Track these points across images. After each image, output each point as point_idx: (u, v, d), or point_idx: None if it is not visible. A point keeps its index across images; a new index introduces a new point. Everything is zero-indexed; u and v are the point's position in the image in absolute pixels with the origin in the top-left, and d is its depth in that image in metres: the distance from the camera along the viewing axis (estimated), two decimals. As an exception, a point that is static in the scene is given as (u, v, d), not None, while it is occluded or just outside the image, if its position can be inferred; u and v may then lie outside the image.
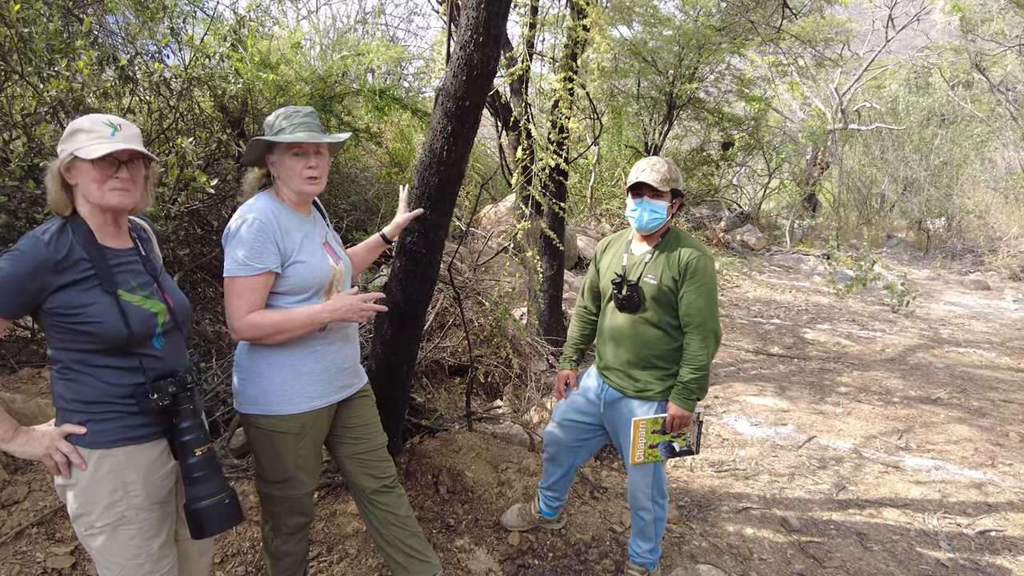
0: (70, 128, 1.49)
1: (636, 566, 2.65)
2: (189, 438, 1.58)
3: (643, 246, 2.44)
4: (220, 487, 1.61)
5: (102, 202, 1.51)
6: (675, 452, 2.42)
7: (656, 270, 2.34)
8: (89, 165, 1.48)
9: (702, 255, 2.31)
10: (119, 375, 1.53)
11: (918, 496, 3.58)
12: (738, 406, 4.92)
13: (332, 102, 5.55)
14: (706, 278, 2.29)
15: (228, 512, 1.62)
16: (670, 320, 2.36)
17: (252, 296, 1.76)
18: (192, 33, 4.57)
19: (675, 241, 2.38)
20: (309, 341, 1.89)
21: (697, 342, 2.29)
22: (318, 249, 1.92)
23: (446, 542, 2.77)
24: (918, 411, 4.87)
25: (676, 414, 2.32)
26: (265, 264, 1.76)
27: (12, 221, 3.00)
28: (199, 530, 1.60)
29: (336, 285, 1.96)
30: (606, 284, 2.50)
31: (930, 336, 7.24)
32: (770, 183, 14.82)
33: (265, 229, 1.77)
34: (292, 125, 1.83)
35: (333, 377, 1.97)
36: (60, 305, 1.44)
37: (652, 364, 2.39)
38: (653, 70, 10.49)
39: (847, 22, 11.07)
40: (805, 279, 10.40)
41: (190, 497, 1.59)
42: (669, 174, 2.33)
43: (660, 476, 2.52)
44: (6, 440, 1.44)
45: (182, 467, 1.61)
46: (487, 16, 2.29)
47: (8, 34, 3.23)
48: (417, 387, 4.15)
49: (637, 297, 2.36)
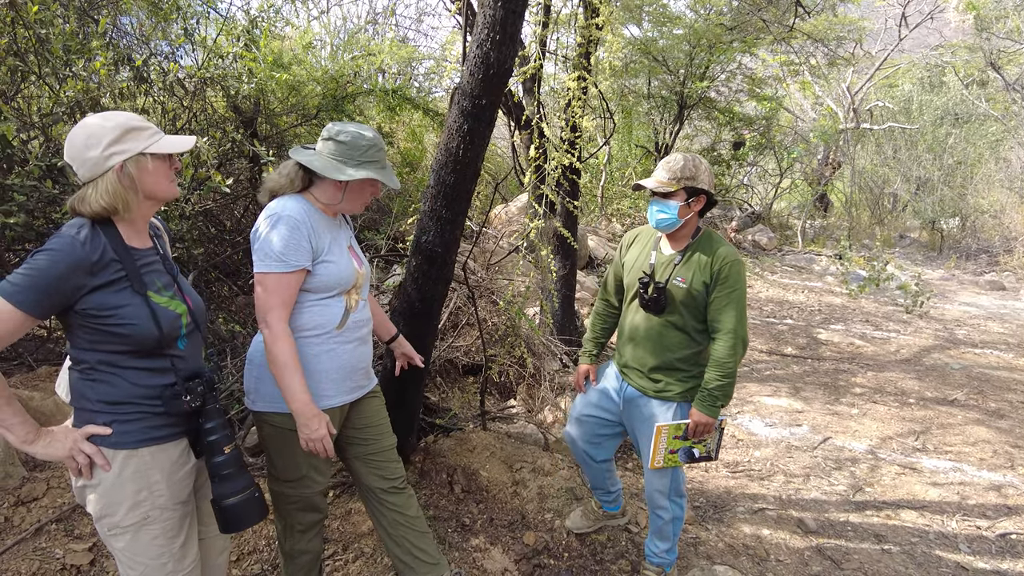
0: (120, 124, 1.45)
1: (653, 566, 2.63)
2: (216, 437, 1.59)
3: (672, 247, 2.35)
4: (247, 483, 1.63)
5: (170, 194, 1.55)
6: (695, 458, 2.37)
7: (686, 273, 2.26)
8: (161, 160, 1.50)
9: (735, 260, 2.22)
10: (146, 376, 1.52)
11: (936, 498, 3.54)
12: (752, 407, 4.89)
13: (344, 102, 5.56)
14: (739, 284, 2.21)
15: (256, 507, 1.64)
16: (696, 324, 2.29)
17: (285, 293, 1.75)
18: (205, 34, 4.59)
19: (707, 243, 2.29)
20: (326, 340, 1.88)
21: (726, 348, 2.20)
22: (344, 252, 1.93)
23: (461, 541, 2.77)
24: (935, 412, 4.82)
25: (700, 421, 2.26)
26: (300, 262, 1.76)
27: (30, 220, 3.02)
28: (229, 526, 1.62)
29: (357, 288, 1.97)
30: (631, 280, 2.42)
31: (945, 337, 7.16)
32: (781, 183, 14.73)
33: (300, 227, 1.76)
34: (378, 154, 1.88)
35: (347, 376, 1.96)
36: (93, 307, 1.43)
37: (674, 367, 2.34)
38: (664, 69, 10.46)
39: (860, 20, 11.00)
40: (817, 279, 10.33)
41: (219, 494, 1.60)
42: (680, 172, 2.22)
43: (678, 476, 2.50)
44: (28, 442, 1.42)
45: (209, 465, 1.61)
46: (504, 14, 2.28)
47: (26, 35, 3.25)
48: (431, 386, 4.15)
49: (664, 299, 2.28)
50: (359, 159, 1.83)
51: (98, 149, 1.43)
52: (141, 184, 1.49)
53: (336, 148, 1.83)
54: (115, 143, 1.44)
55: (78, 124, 1.46)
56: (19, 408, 1.41)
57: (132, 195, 1.48)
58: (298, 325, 1.84)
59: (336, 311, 1.89)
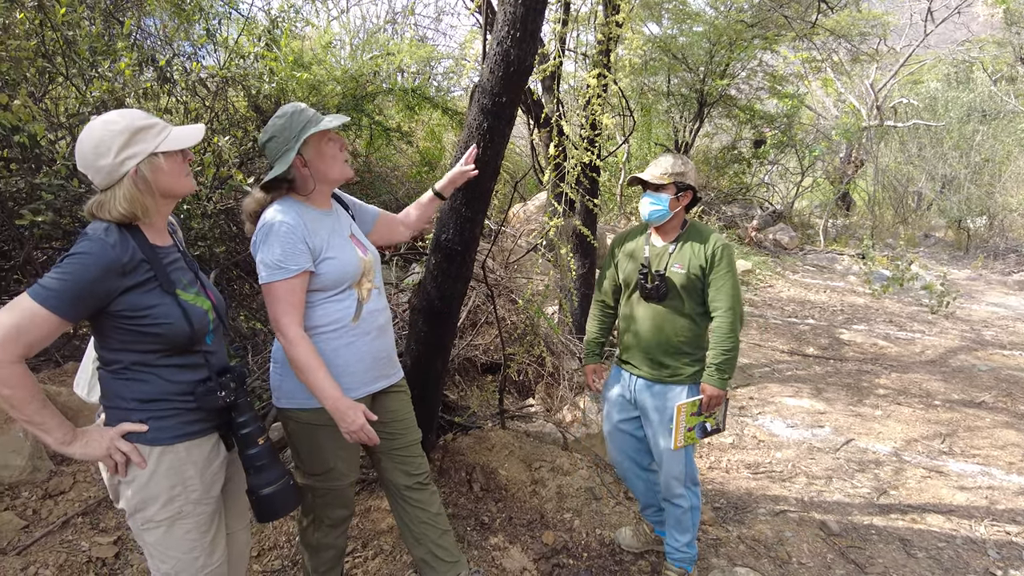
0: (127, 127, 1.44)
1: (675, 567, 2.62)
2: (250, 429, 1.62)
3: (663, 239, 2.52)
4: (281, 472, 1.67)
5: (187, 189, 1.56)
6: (707, 431, 2.51)
7: (682, 260, 2.43)
8: (173, 156, 1.50)
9: (727, 244, 2.43)
10: (179, 373, 1.54)
11: (963, 502, 3.47)
12: (773, 407, 4.83)
13: (364, 101, 5.60)
14: (731, 264, 2.41)
15: (291, 495, 1.69)
16: (696, 307, 2.45)
17: (292, 298, 1.77)
18: (227, 34, 4.64)
19: (696, 233, 2.48)
20: (344, 334, 1.89)
21: (727, 324, 2.37)
22: (346, 243, 1.92)
23: (480, 540, 2.76)
24: (961, 415, 4.72)
25: (712, 394, 2.41)
26: (300, 264, 1.77)
27: (57, 218, 3.07)
28: (265, 515, 1.66)
29: (367, 275, 1.95)
30: (629, 275, 2.56)
31: (972, 338, 7.02)
32: (803, 181, 14.55)
33: (294, 230, 1.77)
34: (309, 117, 1.82)
35: (369, 367, 1.96)
36: (126, 308, 1.44)
37: (680, 351, 2.46)
38: (683, 67, 10.37)
39: (884, 15, 10.81)
40: (839, 279, 10.19)
41: (254, 485, 1.63)
42: (672, 168, 2.42)
43: (691, 462, 2.57)
44: (66, 443, 1.42)
45: (243, 458, 1.64)
46: (524, 11, 2.27)
47: (54, 37, 3.31)
48: (450, 384, 4.15)
49: (664, 286, 2.43)
50: (293, 134, 1.81)
51: (109, 157, 1.43)
52: (157, 184, 1.48)
53: (274, 146, 1.82)
54: (125, 147, 1.43)
55: (83, 131, 1.44)
56: (55, 411, 1.41)
57: (150, 198, 1.48)
58: (313, 323, 1.85)
59: (349, 305, 1.89)
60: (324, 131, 1.84)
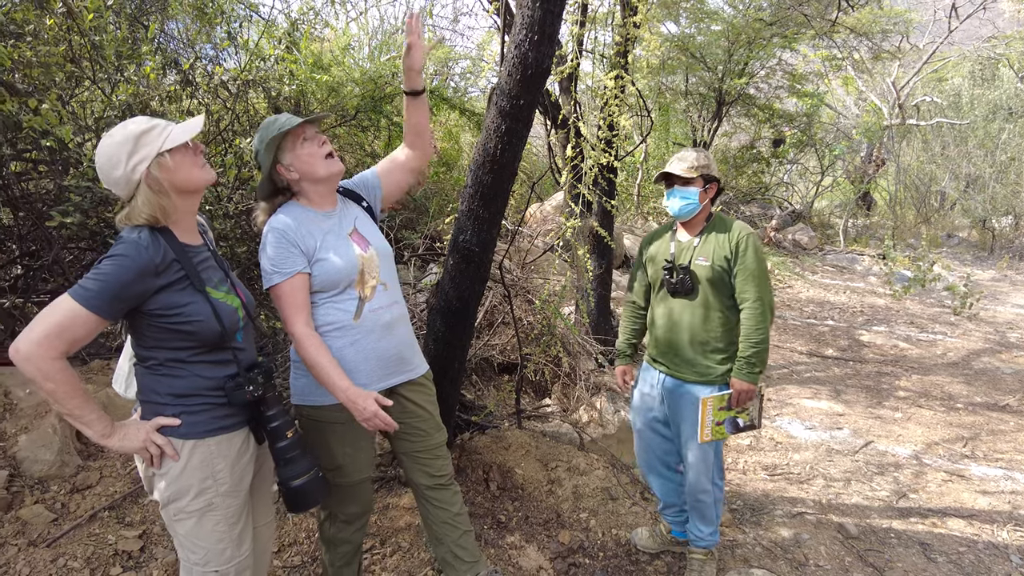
0: (129, 135, 1.49)
1: (699, 549, 2.65)
2: (278, 423, 1.67)
3: (689, 233, 2.50)
4: (310, 464, 1.72)
5: (204, 179, 1.59)
6: (739, 427, 2.47)
7: (707, 252, 2.40)
8: (180, 152, 1.53)
9: (751, 233, 2.40)
10: (211, 369, 1.60)
11: (986, 507, 3.42)
12: (792, 409, 4.80)
13: (382, 103, 5.64)
14: (757, 253, 2.36)
15: (321, 486, 1.74)
16: (724, 300, 2.42)
17: (294, 299, 1.81)
18: (248, 37, 4.70)
19: (720, 224, 2.46)
20: (346, 333, 1.91)
21: (755, 316, 2.34)
22: (343, 242, 1.91)
23: (497, 538, 2.79)
24: (984, 418, 4.66)
25: (741, 389, 2.37)
26: (293, 266, 1.81)
27: (84, 220, 3.14)
28: (296, 506, 1.72)
29: (369, 272, 1.94)
30: (655, 273, 2.54)
31: (996, 340, 6.90)
32: (823, 181, 14.38)
33: (285, 235, 1.82)
34: (287, 119, 1.86)
35: (376, 366, 1.97)
36: (160, 307, 1.50)
37: (711, 347, 2.43)
38: (701, 66, 10.29)
39: (906, 12, 10.65)
40: (860, 279, 10.07)
41: (285, 477, 1.68)
42: (696, 161, 2.41)
43: (719, 457, 2.56)
44: (106, 436, 1.49)
45: (273, 451, 1.69)
46: (542, 14, 2.29)
47: (81, 42, 3.39)
48: (467, 384, 4.18)
49: (690, 280, 2.41)
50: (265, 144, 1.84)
51: (121, 167, 1.49)
52: (172, 182, 1.53)
53: (260, 158, 1.88)
54: (133, 154, 1.49)
55: (97, 151, 1.51)
56: (95, 405, 1.49)
57: (166, 198, 1.53)
58: (317, 324, 1.88)
59: (349, 305, 1.91)
60: (297, 134, 1.86)
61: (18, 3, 3.20)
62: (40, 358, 1.37)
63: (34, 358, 1.37)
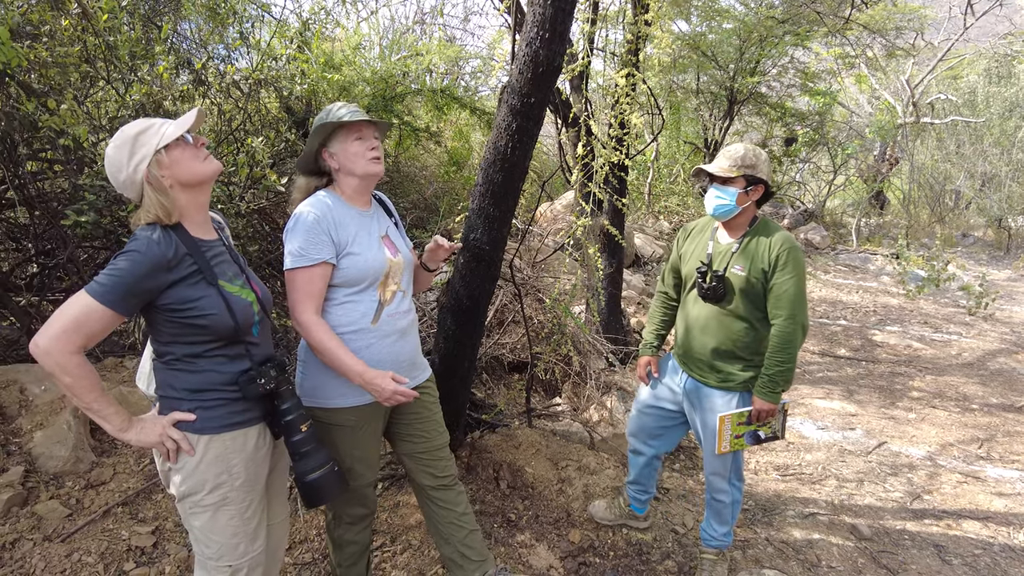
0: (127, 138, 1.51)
1: (711, 549, 2.63)
2: (293, 417, 1.67)
3: (729, 235, 2.38)
4: (326, 458, 1.72)
5: (208, 171, 1.59)
6: (760, 439, 2.42)
7: (744, 261, 2.28)
8: (177, 147, 1.54)
9: (794, 246, 2.24)
10: (225, 363, 1.61)
11: (1002, 509, 3.38)
12: (804, 409, 4.76)
13: (393, 102, 5.65)
14: (797, 269, 2.22)
15: (337, 480, 1.74)
16: (756, 312, 2.31)
17: (310, 287, 1.81)
18: (259, 37, 4.73)
19: (764, 231, 2.31)
20: (362, 335, 1.91)
21: (786, 335, 2.22)
22: (375, 242, 1.93)
23: (507, 537, 2.79)
24: (1000, 419, 4.60)
25: (762, 407, 2.30)
26: (320, 255, 1.81)
27: (99, 219, 3.17)
28: (312, 500, 1.72)
29: (392, 277, 1.96)
30: (689, 271, 2.45)
31: (1012, 340, 6.82)
32: (835, 180, 14.26)
33: (320, 221, 1.82)
34: (349, 112, 1.89)
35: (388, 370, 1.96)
36: (174, 301, 1.52)
37: (735, 356, 2.36)
38: (713, 64, 10.24)
39: (921, 8, 10.52)
40: (873, 279, 9.98)
41: (301, 471, 1.69)
42: (742, 160, 2.27)
43: (739, 459, 2.52)
44: (123, 430, 1.52)
45: (288, 445, 1.70)
46: (553, 12, 2.28)
47: (96, 43, 3.42)
48: (477, 382, 4.18)
49: (723, 288, 2.31)
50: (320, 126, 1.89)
51: (124, 170, 1.52)
52: (174, 178, 1.55)
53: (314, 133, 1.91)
54: (132, 155, 1.51)
55: (104, 159, 1.54)
56: (112, 400, 1.51)
57: (166, 196, 1.54)
58: (331, 323, 1.87)
59: (368, 306, 1.91)
60: (353, 128, 1.90)
61: (34, 4, 3.23)
62: (59, 352, 1.39)
63: (53, 352, 1.39)
